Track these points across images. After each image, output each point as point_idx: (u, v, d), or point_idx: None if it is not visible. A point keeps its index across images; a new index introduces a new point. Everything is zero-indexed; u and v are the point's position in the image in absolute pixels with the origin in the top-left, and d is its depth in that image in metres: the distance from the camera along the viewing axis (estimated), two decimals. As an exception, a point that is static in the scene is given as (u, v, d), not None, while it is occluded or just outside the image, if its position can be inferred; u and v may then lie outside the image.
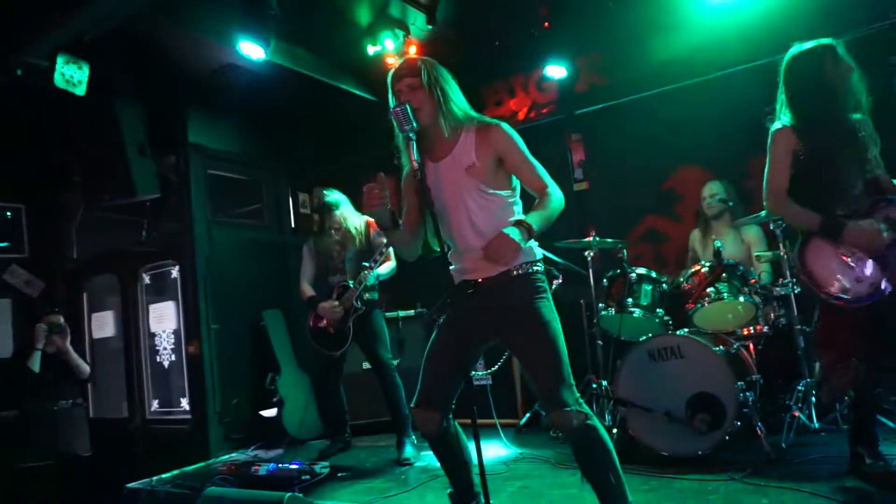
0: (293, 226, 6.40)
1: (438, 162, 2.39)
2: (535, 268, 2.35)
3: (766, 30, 4.32)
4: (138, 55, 4.63)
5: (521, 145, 2.34)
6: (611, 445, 2.23)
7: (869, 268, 2.57)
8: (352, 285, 4.20)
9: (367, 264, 4.17)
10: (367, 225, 4.40)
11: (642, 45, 4.86)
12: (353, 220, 4.43)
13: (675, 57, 4.74)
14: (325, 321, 4.27)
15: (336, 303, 4.20)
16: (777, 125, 2.77)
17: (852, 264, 2.59)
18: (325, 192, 4.48)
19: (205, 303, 5.32)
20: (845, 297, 2.57)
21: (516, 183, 2.41)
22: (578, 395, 2.25)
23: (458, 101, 2.39)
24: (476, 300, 2.34)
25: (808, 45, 2.75)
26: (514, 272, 2.31)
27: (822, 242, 2.64)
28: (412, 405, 2.42)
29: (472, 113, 2.42)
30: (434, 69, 2.37)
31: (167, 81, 5.11)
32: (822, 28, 3.14)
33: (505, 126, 2.35)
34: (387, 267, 4.30)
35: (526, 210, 2.38)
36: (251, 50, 4.30)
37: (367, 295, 4.25)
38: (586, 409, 2.23)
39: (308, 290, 4.40)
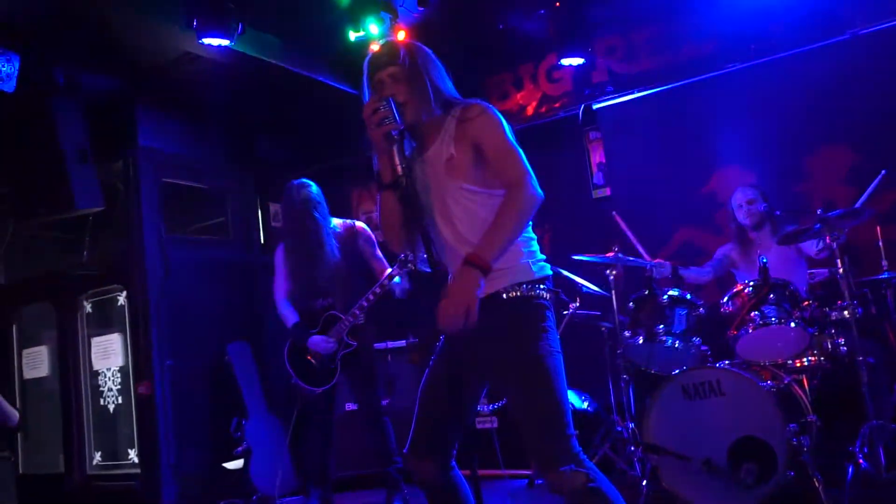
0: (262, 242, 6.40)
1: (424, 157, 2.37)
2: (534, 290, 2.26)
3: (821, 9, 4.37)
4: (78, 44, 4.65)
5: (502, 128, 2.27)
6: None
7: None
8: (344, 316, 4.17)
9: (364, 304, 4.11)
10: (356, 232, 4.33)
11: (673, 25, 4.92)
12: (339, 224, 4.33)
13: (713, 39, 4.79)
14: (308, 356, 4.25)
15: (332, 339, 4.16)
16: None
17: None
18: (303, 182, 4.26)
19: (158, 335, 5.31)
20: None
21: None
22: (579, 449, 2.17)
23: (446, 88, 2.37)
24: (465, 329, 2.26)
25: None
26: (505, 295, 2.23)
27: None
28: (405, 452, 2.40)
29: (459, 98, 2.38)
30: (420, 54, 2.36)
31: (113, 74, 5.14)
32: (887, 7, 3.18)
33: (484, 104, 2.29)
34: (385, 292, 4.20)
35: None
36: (213, 37, 4.33)
37: (361, 328, 4.22)
38: (588, 465, 2.16)
39: (290, 313, 4.30)
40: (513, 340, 2.22)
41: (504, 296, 2.24)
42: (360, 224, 4.39)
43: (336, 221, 4.34)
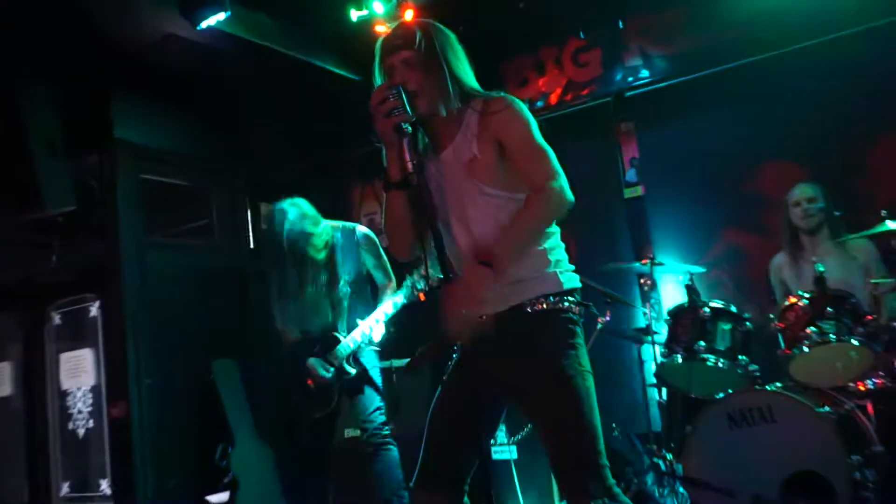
0: (252, 246, 6.41)
1: (440, 155, 2.38)
2: (562, 303, 2.28)
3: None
4: (49, 24, 4.66)
5: (529, 124, 2.28)
6: None
7: None
8: (343, 339, 4.17)
9: (365, 331, 4.13)
10: (357, 239, 4.32)
11: (718, 2, 4.87)
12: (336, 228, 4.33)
13: (761, 17, 4.75)
14: (309, 379, 4.24)
15: (331, 371, 4.17)
16: None
17: None
18: (282, 209, 4.27)
19: (134, 350, 5.30)
20: None
21: None
22: (612, 481, 2.17)
23: (467, 78, 2.37)
24: (483, 344, 2.29)
25: None
26: (530, 307, 2.24)
27: None
28: (412, 485, 2.38)
29: (480, 90, 2.39)
30: (439, 36, 2.36)
31: (87, 58, 5.13)
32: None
33: (510, 98, 2.30)
34: (379, 331, 4.25)
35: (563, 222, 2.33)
36: (199, 16, 4.35)
37: (363, 352, 4.22)
38: (622, 501, 2.16)
39: (290, 330, 4.34)
40: (538, 358, 2.21)
41: (529, 308, 2.25)
42: (361, 228, 4.39)
43: (333, 224, 4.34)
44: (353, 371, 4.19)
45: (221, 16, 4.37)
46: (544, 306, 2.26)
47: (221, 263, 6.19)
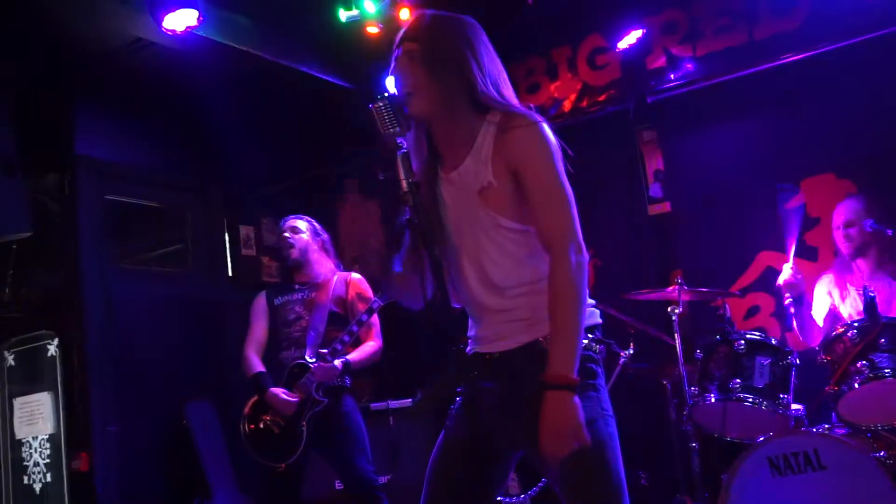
0: (231, 274, 6.41)
1: (449, 175, 2.35)
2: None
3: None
4: (3, 26, 4.69)
5: (552, 157, 2.21)
6: None
7: None
8: (312, 364, 4.21)
9: (338, 346, 4.21)
10: (348, 283, 4.49)
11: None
12: (327, 268, 4.51)
13: (800, 10, 4.76)
14: (268, 416, 4.28)
15: (293, 394, 4.24)
16: None
17: None
18: (293, 219, 4.58)
19: (98, 393, 5.27)
20: None
21: None
22: None
23: (488, 83, 2.28)
24: (492, 385, 2.30)
25: None
26: (545, 344, 2.19)
27: None
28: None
29: (505, 101, 2.29)
30: (451, 28, 2.31)
31: (46, 65, 5.17)
32: None
33: (535, 118, 2.22)
34: (364, 351, 4.35)
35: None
36: (174, 19, 4.36)
37: (336, 380, 4.28)
38: None
39: (254, 361, 4.43)
40: None
41: (545, 345, 2.20)
42: (355, 276, 4.59)
43: (327, 266, 4.54)
44: (323, 401, 4.21)
45: (190, 22, 4.37)
46: None
47: (197, 293, 6.18)
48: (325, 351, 4.22)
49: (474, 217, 2.28)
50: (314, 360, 4.25)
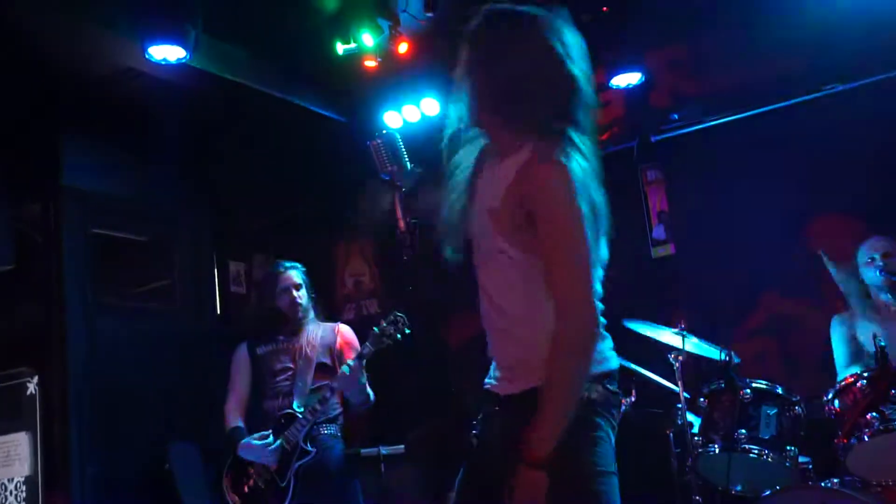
0: (219, 311, 6.39)
1: (477, 184, 2.37)
2: (587, 391, 2.19)
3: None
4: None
5: (572, 209, 2.13)
6: None
7: None
8: (301, 414, 4.17)
9: (327, 395, 4.18)
10: (336, 333, 4.47)
11: (756, 31, 4.91)
12: (316, 322, 4.51)
13: (808, 51, 4.78)
14: (252, 469, 4.22)
15: (270, 439, 4.14)
16: None
17: None
18: (282, 264, 4.53)
19: (77, 433, 5.23)
20: None
21: None
22: None
23: (534, 108, 2.20)
24: (501, 425, 2.32)
25: None
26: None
27: None
28: None
29: (550, 126, 2.21)
30: (498, 34, 2.23)
31: (33, 93, 5.17)
32: None
33: (563, 165, 2.13)
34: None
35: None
36: (164, 49, 4.36)
37: (324, 429, 4.23)
38: None
39: (231, 417, 4.38)
40: (559, 452, 2.13)
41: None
42: (343, 327, 4.57)
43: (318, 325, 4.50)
44: (311, 451, 4.14)
45: (181, 53, 4.37)
46: None
47: (184, 331, 6.14)
48: (318, 407, 4.16)
49: (484, 233, 2.28)
50: (302, 409, 4.19)
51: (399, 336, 4.12)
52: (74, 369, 5.30)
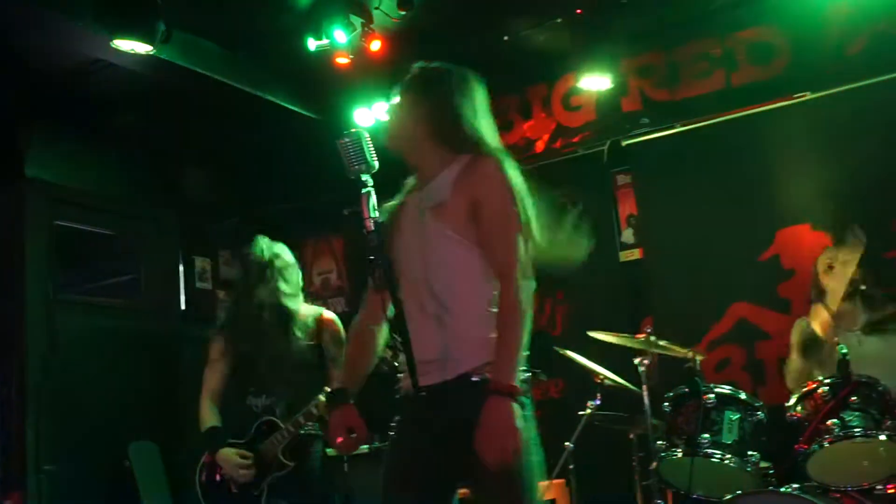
0: (183, 308, 6.36)
1: (411, 199, 2.57)
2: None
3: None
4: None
5: (512, 197, 2.40)
6: None
7: None
8: (283, 425, 4.01)
9: (313, 411, 4.00)
10: (320, 321, 4.25)
11: (727, 40, 4.97)
12: (301, 307, 4.28)
13: (779, 59, 4.84)
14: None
15: (247, 455, 4.02)
16: None
17: None
18: (268, 244, 4.23)
19: (34, 431, 5.19)
20: None
21: None
22: None
23: (457, 129, 2.51)
24: (426, 418, 2.39)
25: None
26: (475, 377, 2.36)
27: None
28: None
29: (484, 140, 2.52)
30: (433, 78, 2.59)
31: (-3, 83, 5.14)
32: None
33: (501, 162, 2.43)
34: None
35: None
36: (132, 41, 4.35)
37: (306, 427, 4.04)
38: None
39: (209, 415, 4.19)
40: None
41: (473, 377, 2.36)
42: (328, 315, 4.30)
43: (305, 309, 4.25)
44: (288, 465, 4.07)
45: (149, 46, 4.35)
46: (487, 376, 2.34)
47: (147, 327, 6.12)
48: (302, 421, 4.00)
49: (423, 230, 2.45)
50: (284, 416, 4.09)
51: None
52: (33, 365, 5.27)
